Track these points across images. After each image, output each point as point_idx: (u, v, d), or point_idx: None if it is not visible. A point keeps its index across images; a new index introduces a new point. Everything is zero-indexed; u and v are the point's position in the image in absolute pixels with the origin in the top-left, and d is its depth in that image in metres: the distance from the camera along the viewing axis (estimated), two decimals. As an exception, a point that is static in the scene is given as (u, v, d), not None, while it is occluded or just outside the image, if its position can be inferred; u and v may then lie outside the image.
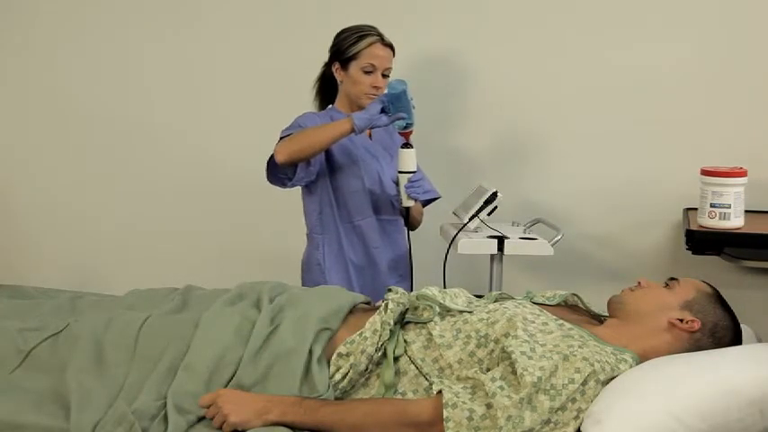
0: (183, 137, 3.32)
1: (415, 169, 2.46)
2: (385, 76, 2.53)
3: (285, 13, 3.18)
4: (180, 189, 3.33)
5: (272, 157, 2.41)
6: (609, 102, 3.02)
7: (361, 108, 2.49)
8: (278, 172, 2.47)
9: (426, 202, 2.68)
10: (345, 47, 2.52)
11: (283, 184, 2.50)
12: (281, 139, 2.44)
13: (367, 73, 2.50)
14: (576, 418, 1.56)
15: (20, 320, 1.89)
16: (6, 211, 3.49)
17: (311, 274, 2.58)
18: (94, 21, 3.33)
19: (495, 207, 2.63)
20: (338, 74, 2.56)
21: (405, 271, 2.62)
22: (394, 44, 2.55)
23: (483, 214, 2.64)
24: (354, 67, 2.51)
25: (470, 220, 2.63)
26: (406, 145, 2.45)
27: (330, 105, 2.64)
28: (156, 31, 3.30)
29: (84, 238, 3.44)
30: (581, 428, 1.54)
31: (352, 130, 2.34)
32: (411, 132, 2.43)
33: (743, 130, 2.93)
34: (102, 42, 3.34)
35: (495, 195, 2.61)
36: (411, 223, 2.56)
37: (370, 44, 2.50)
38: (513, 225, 2.81)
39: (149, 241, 3.38)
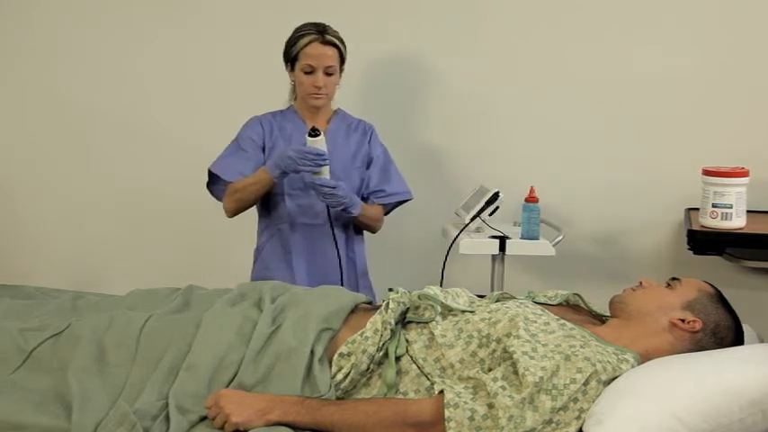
0: (185, 136, 3.31)
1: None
2: (329, 74, 2.48)
3: (286, 12, 3.18)
4: (181, 188, 3.32)
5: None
6: (610, 102, 3.02)
7: (313, 108, 2.54)
8: None
9: (390, 206, 2.66)
10: (287, 48, 2.53)
11: None
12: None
13: (307, 73, 2.48)
14: (578, 418, 1.56)
15: (21, 320, 1.90)
16: (7, 211, 3.49)
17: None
18: (94, 20, 3.33)
19: (497, 207, 2.64)
20: (290, 76, 2.56)
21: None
22: (341, 40, 2.51)
23: (485, 214, 2.64)
24: (297, 68, 2.51)
25: (472, 220, 2.64)
26: (315, 132, 2.38)
27: (291, 105, 2.64)
28: (156, 31, 3.30)
29: (85, 238, 3.44)
30: (583, 428, 1.54)
31: (273, 180, 2.43)
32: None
33: (744, 130, 2.93)
34: (103, 41, 3.33)
35: (496, 196, 2.62)
36: (363, 226, 2.61)
37: (307, 43, 2.47)
38: (514, 225, 2.81)
39: (150, 241, 3.38)
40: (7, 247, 3.49)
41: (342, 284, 2.50)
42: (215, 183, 2.60)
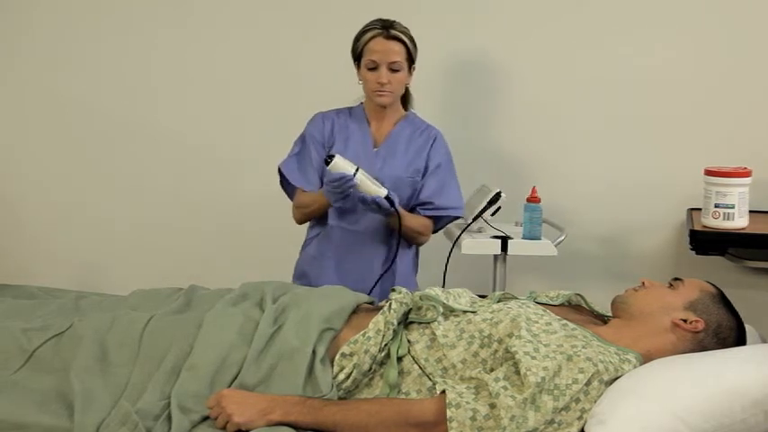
0: (186, 135, 3.31)
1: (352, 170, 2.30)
2: (395, 70, 2.41)
3: (286, 12, 3.18)
4: (183, 188, 3.33)
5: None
6: (612, 102, 3.02)
7: (379, 107, 2.48)
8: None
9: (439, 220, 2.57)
10: (353, 45, 2.46)
11: None
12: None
13: (371, 69, 2.41)
14: (580, 418, 1.56)
15: (23, 320, 1.89)
16: (9, 211, 3.49)
17: None
18: (94, 20, 3.33)
19: (499, 207, 2.64)
20: (357, 75, 2.48)
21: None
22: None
23: (486, 214, 2.64)
24: (362, 65, 2.44)
25: (474, 220, 2.63)
26: (328, 159, 2.26)
27: (361, 103, 2.56)
28: (156, 31, 3.30)
29: (87, 238, 3.44)
30: (585, 429, 1.54)
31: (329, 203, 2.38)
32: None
33: (746, 130, 2.93)
34: (103, 41, 3.33)
35: (498, 195, 2.62)
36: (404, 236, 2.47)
37: (370, 39, 2.41)
38: (516, 225, 2.80)
39: (153, 241, 3.38)
40: (8, 247, 3.49)
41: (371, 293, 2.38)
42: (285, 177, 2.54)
